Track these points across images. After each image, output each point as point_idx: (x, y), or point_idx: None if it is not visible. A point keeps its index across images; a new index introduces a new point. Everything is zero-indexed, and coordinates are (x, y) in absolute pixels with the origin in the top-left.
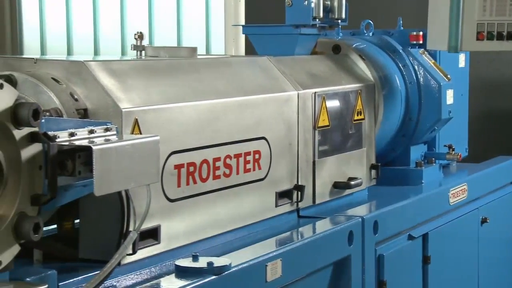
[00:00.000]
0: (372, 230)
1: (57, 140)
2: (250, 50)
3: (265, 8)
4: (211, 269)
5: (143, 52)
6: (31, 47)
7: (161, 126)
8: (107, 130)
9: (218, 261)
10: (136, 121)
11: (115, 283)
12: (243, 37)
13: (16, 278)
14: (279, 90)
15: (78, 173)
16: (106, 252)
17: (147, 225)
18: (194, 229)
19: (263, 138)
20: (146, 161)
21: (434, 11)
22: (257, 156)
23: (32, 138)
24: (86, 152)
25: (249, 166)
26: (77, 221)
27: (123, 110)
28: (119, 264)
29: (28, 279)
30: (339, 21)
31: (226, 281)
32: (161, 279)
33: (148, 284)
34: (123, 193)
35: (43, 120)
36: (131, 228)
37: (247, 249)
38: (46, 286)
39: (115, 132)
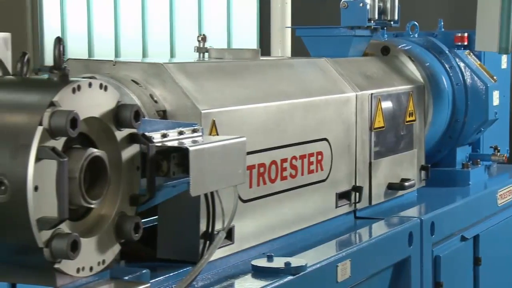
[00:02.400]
0: (429, 231)
1: (154, 141)
2: (297, 51)
3: (310, 11)
4: (288, 269)
5: (205, 54)
6: (52, 49)
7: (235, 128)
8: (194, 131)
9: (295, 262)
10: (214, 123)
11: (193, 283)
12: (289, 38)
13: (111, 277)
14: (339, 91)
15: (172, 174)
16: (184, 252)
17: (219, 226)
18: (263, 229)
19: (325, 139)
20: (235, 162)
21: (483, 13)
22: (319, 157)
23: (131, 139)
24: (179, 153)
25: (312, 167)
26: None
27: (202, 111)
28: (195, 264)
29: (126, 277)
30: (392, 22)
31: (302, 282)
32: (239, 279)
33: (225, 283)
34: (209, 194)
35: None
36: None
37: (316, 249)
38: (148, 285)
39: (201, 134)
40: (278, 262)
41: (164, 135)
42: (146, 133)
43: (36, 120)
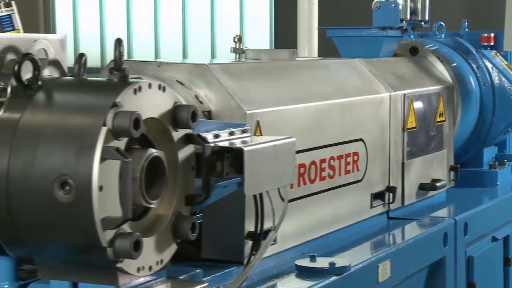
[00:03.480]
0: (463, 232)
1: (209, 141)
2: (323, 51)
3: (337, 11)
4: (332, 269)
5: (242, 55)
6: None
7: (277, 128)
8: (243, 132)
9: (339, 262)
10: (258, 123)
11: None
12: (316, 39)
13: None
14: (373, 92)
15: (226, 174)
16: (229, 252)
17: (266, 225)
18: (303, 229)
19: (361, 139)
20: (285, 162)
21: None
22: (355, 157)
23: (186, 139)
24: (232, 153)
25: (349, 167)
26: None
27: (247, 112)
28: (241, 263)
29: (180, 277)
30: (422, 23)
31: (346, 282)
32: (283, 279)
33: (270, 283)
34: (257, 194)
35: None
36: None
37: (355, 250)
38: (206, 284)
39: (250, 134)
40: (322, 262)
41: (216, 136)
42: (201, 134)
43: (100, 121)
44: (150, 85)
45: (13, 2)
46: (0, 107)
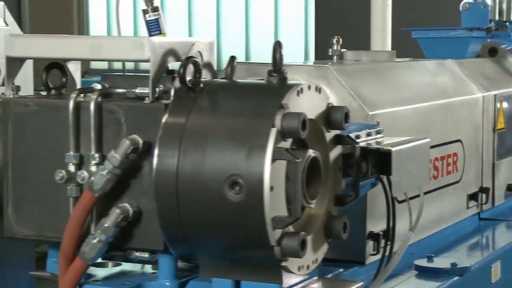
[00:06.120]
0: None
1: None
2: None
3: (412, 12)
4: (454, 270)
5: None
6: None
7: (392, 129)
8: (377, 133)
9: (460, 262)
10: (378, 124)
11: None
12: (389, 39)
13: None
14: (469, 93)
15: (370, 174)
16: (351, 252)
17: (383, 226)
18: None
19: (459, 140)
20: (422, 163)
21: None
22: (455, 158)
23: (336, 140)
24: (375, 154)
25: (449, 168)
26: None
27: (370, 113)
28: (363, 264)
29: (327, 276)
30: (507, 23)
31: (466, 283)
32: (404, 279)
33: (393, 283)
34: (389, 194)
35: None
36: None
37: (462, 250)
38: (362, 284)
39: (383, 135)
40: (440, 263)
41: (357, 137)
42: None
43: (270, 122)
44: (309, 87)
45: (159, 7)
46: (165, 109)
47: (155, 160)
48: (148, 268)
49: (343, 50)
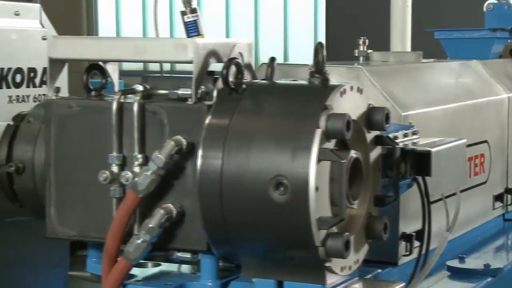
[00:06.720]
0: None
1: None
2: None
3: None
4: (487, 271)
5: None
6: None
7: (424, 130)
8: (413, 133)
9: (492, 263)
10: (410, 125)
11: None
12: (409, 40)
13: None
14: (494, 93)
15: (408, 175)
16: (383, 252)
17: (414, 226)
18: (441, 231)
19: (486, 141)
20: (460, 164)
21: None
22: (482, 159)
23: (376, 141)
24: (413, 154)
25: (477, 169)
26: None
27: (402, 114)
28: (395, 264)
29: (366, 277)
30: None
31: (499, 283)
32: (437, 280)
33: (425, 284)
34: (424, 195)
35: None
36: None
37: (488, 251)
38: (403, 284)
39: (418, 136)
40: (472, 264)
41: (395, 138)
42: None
43: (315, 123)
44: (351, 88)
45: (197, 8)
46: (208, 110)
47: (199, 161)
48: (186, 269)
49: (369, 51)
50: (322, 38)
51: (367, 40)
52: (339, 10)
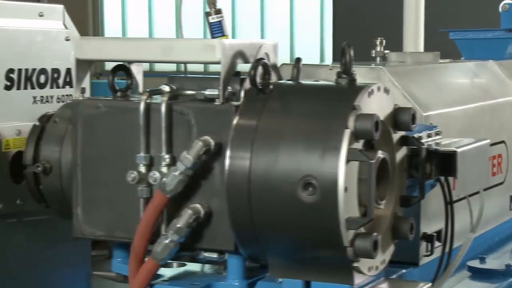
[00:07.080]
0: None
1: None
2: None
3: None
4: (509, 271)
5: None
6: None
7: (444, 130)
8: (436, 134)
9: None
10: (432, 125)
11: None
12: (422, 41)
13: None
14: (511, 94)
15: (434, 175)
16: (404, 253)
17: (434, 227)
18: (459, 231)
19: (503, 142)
20: (483, 164)
21: None
22: (499, 160)
23: (402, 141)
24: (438, 154)
25: (494, 169)
26: None
27: (424, 114)
28: (416, 265)
29: (391, 277)
30: None
31: None
32: (458, 280)
33: (445, 284)
34: (447, 196)
35: None
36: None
37: (506, 251)
38: (430, 284)
39: (441, 136)
40: (493, 264)
41: (419, 138)
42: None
43: (343, 124)
44: (379, 88)
45: (222, 9)
46: (235, 110)
47: (227, 162)
48: (210, 268)
49: (386, 51)
50: (328, 38)
51: (384, 41)
52: (347, 9)
